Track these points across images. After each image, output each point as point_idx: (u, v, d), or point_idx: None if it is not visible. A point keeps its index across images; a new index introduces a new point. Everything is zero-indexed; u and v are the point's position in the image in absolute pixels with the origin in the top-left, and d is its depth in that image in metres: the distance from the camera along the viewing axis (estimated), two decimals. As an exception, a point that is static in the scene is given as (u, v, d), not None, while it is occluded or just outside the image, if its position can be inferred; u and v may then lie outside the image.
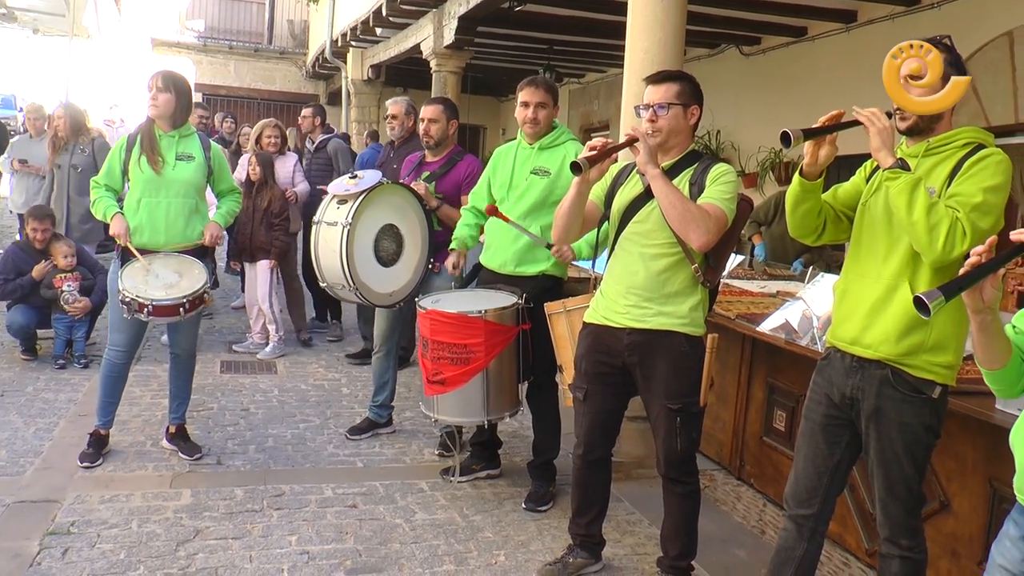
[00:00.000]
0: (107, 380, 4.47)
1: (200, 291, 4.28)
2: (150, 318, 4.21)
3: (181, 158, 4.39)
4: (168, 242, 4.36)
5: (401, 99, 6.35)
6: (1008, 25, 7.05)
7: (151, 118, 4.37)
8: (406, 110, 6.19)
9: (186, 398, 4.72)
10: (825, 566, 3.77)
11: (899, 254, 2.64)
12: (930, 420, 2.67)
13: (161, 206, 4.33)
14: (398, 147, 6.25)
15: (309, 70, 19.53)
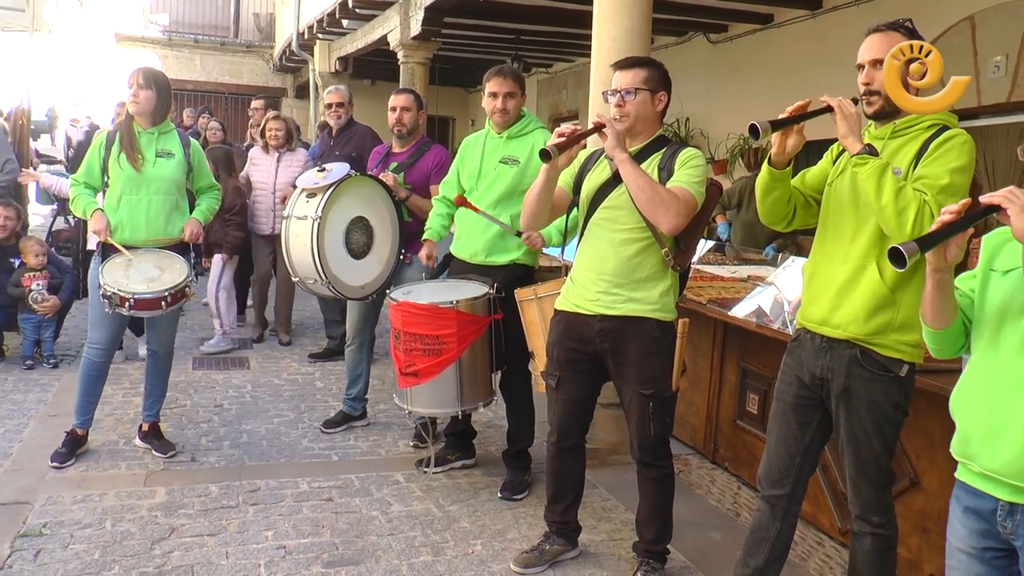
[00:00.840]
0: (87, 379, 4.42)
1: (182, 285, 4.28)
2: (132, 312, 4.19)
3: (161, 155, 4.36)
4: (149, 239, 4.34)
5: (342, 87, 6.35)
6: (969, 10, 7.13)
7: (131, 115, 4.34)
8: (349, 99, 6.21)
9: (161, 395, 4.69)
10: (799, 545, 3.81)
11: (865, 235, 2.68)
12: (898, 398, 2.71)
13: (142, 203, 4.31)
14: (337, 136, 6.22)
15: (276, 63, 19.35)
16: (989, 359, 2.04)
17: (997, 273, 2.07)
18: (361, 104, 16.73)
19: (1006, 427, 1.95)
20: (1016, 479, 1.92)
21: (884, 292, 2.63)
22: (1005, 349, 2.00)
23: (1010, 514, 1.95)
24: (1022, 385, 1.95)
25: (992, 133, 7.25)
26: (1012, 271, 2.01)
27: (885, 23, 2.70)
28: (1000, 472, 1.95)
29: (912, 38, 2.64)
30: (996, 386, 2.00)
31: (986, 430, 2.00)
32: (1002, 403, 1.98)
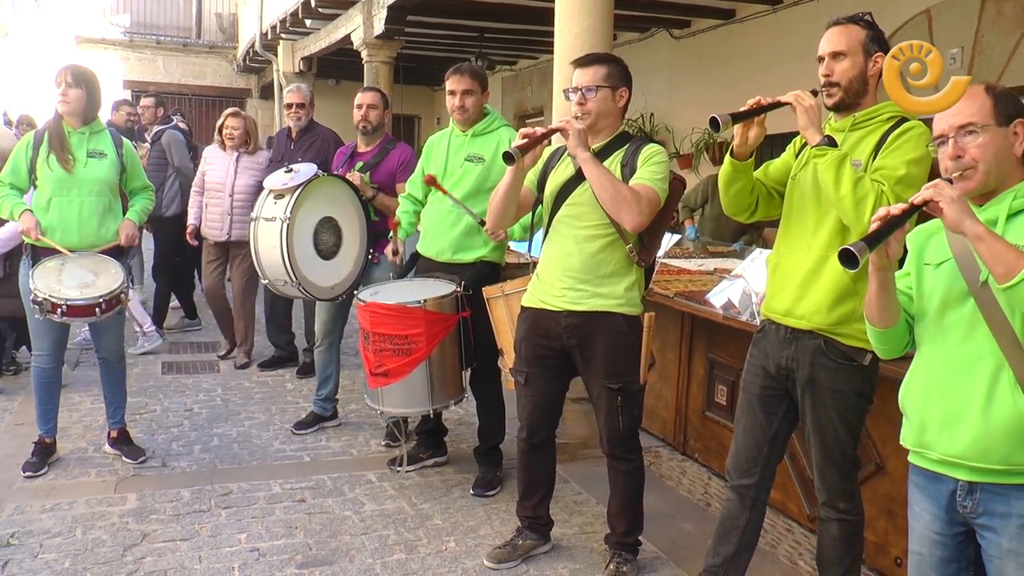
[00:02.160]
0: (40, 387, 4.35)
1: (117, 291, 4.14)
2: (64, 319, 4.07)
3: (93, 155, 4.24)
4: (81, 242, 4.21)
5: (303, 86, 6.18)
6: (926, 4, 7.23)
7: (59, 115, 4.21)
8: (310, 100, 6.05)
9: (122, 402, 4.62)
10: (769, 533, 3.87)
11: (828, 227, 2.73)
12: (862, 386, 2.77)
13: (73, 205, 4.18)
14: (298, 138, 6.01)
15: (240, 64, 19.17)
16: (937, 350, 2.10)
17: (931, 267, 2.14)
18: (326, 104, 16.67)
19: (962, 414, 2.01)
20: (977, 461, 1.98)
21: (846, 282, 2.68)
22: (951, 338, 2.07)
23: (969, 493, 2.02)
24: (973, 370, 2.01)
25: (950, 124, 7.37)
26: (944, 262, 2.09)
27: (845, 16, 2.75)
28: (961, 456, 2.01)
29: (871, 31, 2.71)
30: (947, 374, 2.06)
31: (943, 418, 2.05)
32: (955, 390, 2.04)
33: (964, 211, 1.91)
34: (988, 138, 2.01)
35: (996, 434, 1.95)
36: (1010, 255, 1.85)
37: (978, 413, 1.98)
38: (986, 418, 1.97)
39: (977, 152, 2.01)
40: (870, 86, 2.73)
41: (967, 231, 1.90)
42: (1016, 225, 2.00)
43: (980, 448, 1.97)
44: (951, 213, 1.91)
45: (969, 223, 1.90)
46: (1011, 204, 2.01)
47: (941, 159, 2.06)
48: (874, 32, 2.71)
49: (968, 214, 1.91)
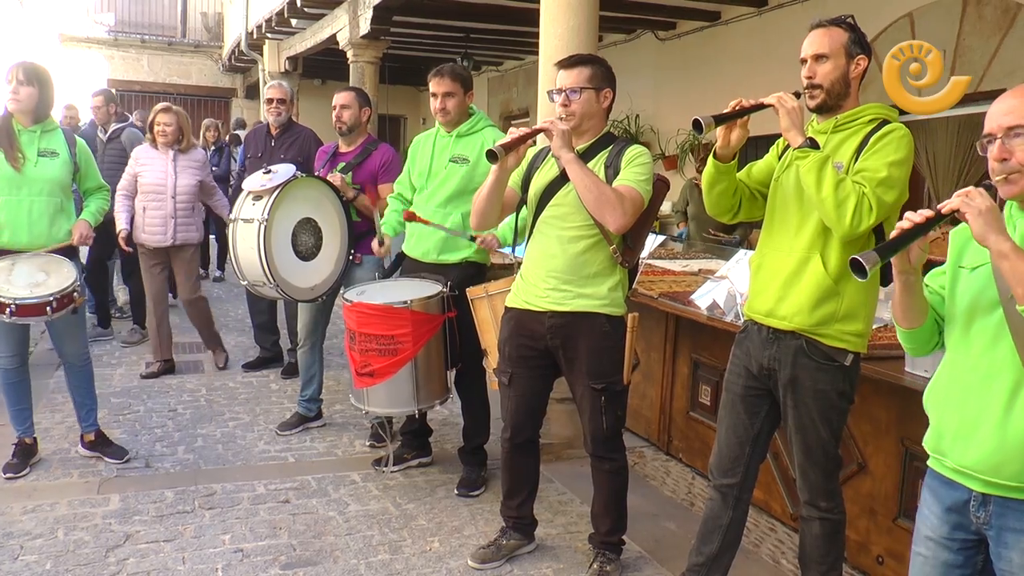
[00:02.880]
0: (7, 389, 4.32)
1: (69, 289, 4.06)
2: (14, 319, 3.98)
3: (44, 154, 4.17)
4: (32, 242, 4.13)
5: (284, 83, 6.08)
6: (908, 7, 7.29)
7: (9, 112, 4.14)
8: (291, 97, 5.92)
9: (93, 405, 4.55)
10: (752, 532, 3.89)
11: (810, 228, 2.74)
12: (843, 386, 2.79)
13: (23, 205, 4.10)
14: (278, 137, 5.90)
15: (225, 63, 19.12)
16: (960, 356, 2.05)
17: (966, 270, 2.07)
18: (312, 104, 16.69)
19: (977, 425, 1.96)
20: (989, 475, 1.94)
21: (828, 283, 2.70)
22: (975, 346, 2.00)
23: (983, 504, 1.97)
24: (992, 383, 1.95)
25: (933, 127, 7.43)
26: (980, 267, 2.01)
27: (827, 19, 2.77)
28: (972, 468, 1.97)
29: (853, 33, 2.73)
30: (967, 384, 2.01)
31: (958, 428, 2.01)
32: (973, 401, 1.98)
33: (990, 224, 1.83)
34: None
35: (1010, 449, 1.91)
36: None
37: (994, 426, 1.93)
38: (1002, 432, 1.92)
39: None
40: (852, 88, 2.75)
41: (991, 246, 1.84)
42: None
43: (993, 462, 1.92)
44: (977, 226, 1.84)
45: (994, 238, 1.82)
46: None
47: (989, 159, 1.95)
48: (856, 35, 2.74)
49: (995, 228, 1.83)
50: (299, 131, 6.03)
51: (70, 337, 4.36)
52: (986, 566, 2.02)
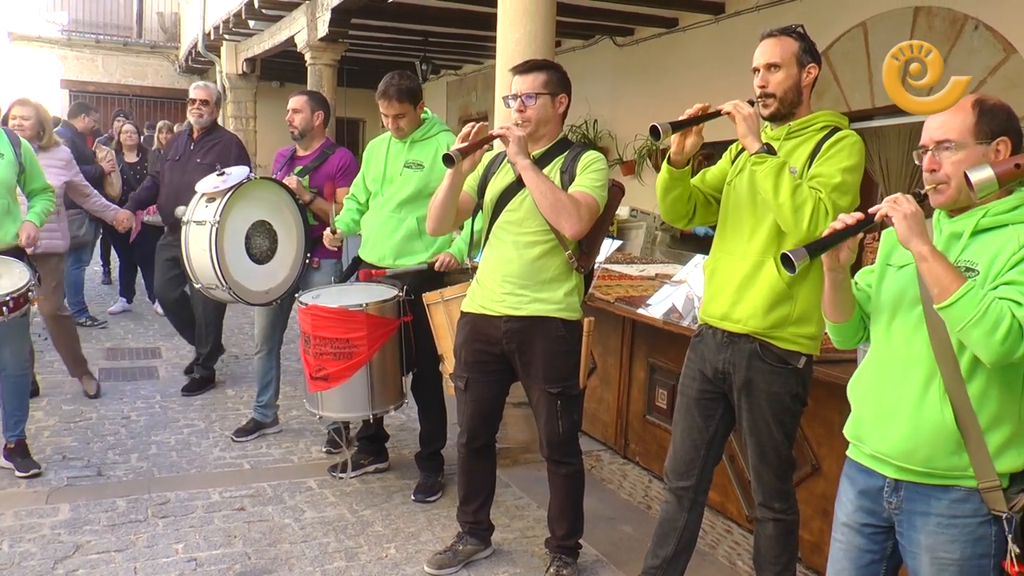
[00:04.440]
0: None
1: (24, 289, 4.00)
2: None
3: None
4: None
5: (211, 84, 5.90)
6: (862, 16, 7.41)
7: None
8: (216, 99, 5.71)
9: (22, 416, 4.41)
10: (709, 534, 3.93)
11: (763, 232, 2.79)
12: (797, 389, 2.83)
13: None
14: (198, 139, 5.65)
15: (182, 64, 18.87)
16: (882, 349, 2.17)
17: (893, 268, 2.19)
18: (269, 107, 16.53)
19: (894, 413, 2.08)
20: (902, 460, 2.06)
21: (781, 287, 2.74)
22: (896, 339, 2.12)
23: (895, 490, 2.09)
24: (908, 374, 2.07)
25: (885, 134, 7.56)
26: (906, 266, 2.13)
27: (778, 28, 2.82)
28: (888, 454, 2.08)
29: (804, 43, 2.78)
30: (887, 374, 2.13)
31: (876, 415, 2.13)
32: (891, 390, 2.10)
33: (913, 228, 1.95)
34: (963, 155, 2.01)
35: (921, 437, 2.02)
36: (947, 278, 1.90)
37: (908, 415, 2.05)
38: (914, 421, 2.03)
39: (951, 168, 2.01)
40: (804, 96, 2.81)
41: (913, 248, 1.95)
42: (979, 242, 2.02)
43: (906, 449, 2.04)
44: (901, 229, 1.96)
45: (916, 241, 1.94)
46: (979, 221, 2.02)
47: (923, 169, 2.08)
48: (806, 44, 2.79)
49: (917, 233, 1.95)
50: (220, 136, 5.74)
51: (12, 342, 4.27)
52: (894, 551, 2.15)
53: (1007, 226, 1.98)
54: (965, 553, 2.00)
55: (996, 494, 1.97)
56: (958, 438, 1.98)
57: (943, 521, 2.02)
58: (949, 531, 2.01)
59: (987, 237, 2.00)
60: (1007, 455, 1.98)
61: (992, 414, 1.98)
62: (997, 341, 1.84)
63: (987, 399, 1.98)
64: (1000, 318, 1.84)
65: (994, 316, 1.84)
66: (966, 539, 2.00)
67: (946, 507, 2.02)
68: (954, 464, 2.00)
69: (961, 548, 2.00)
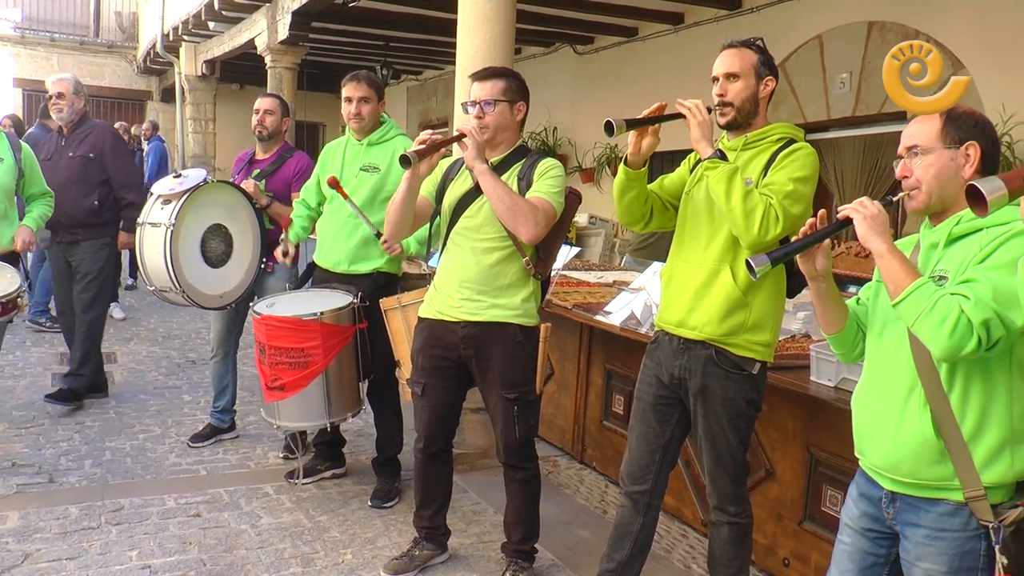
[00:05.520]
0: None
1: (14, 294, 4.01)
2: None
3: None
4: None
5: (67, 76, 5.61)
6: (818, 29, 7.57)
7: None
8: (75, 89, 5.45)
9: None
10: (664, 538, 3.97)
11: (720, 241, 2.83)
12: (751, 394, 2.88)
13: None
14: (69, 134, 5.42)
15: (141, 65, 18.64)
16: (873, 362, 2.21)
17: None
18: (228, 108, 16.40)
19: (882, 425, 2.11)
20: (891, 472, 2.09)
21: (737, 295, 2.79)
22: (884, 352, 2.16)
23: (891, 501, 2.12)
24: (893, 386, 2.09)
25: (840, 145, 7.71)
26: None
27: (739, 40, 2.87)
28: (880, 467, 2.12)
29: (762, 55, 2.84)
30: (877, 386, 2.16)
31: (869, 429, 2.16)
32: (879, 403, 2.14)
33: (873, 228, 2.00)
34: (932, 160, 2.06)
35: (904, 449, 2.05)
36: (900, 274, 1.94)
37: (892, 427, 2.06)
38: (897, 434, 2.06)
39: (921, 173, 2.07)
40: (761, 107, 2.87)
41: (872, 247, 2.00)
42: (952, 250, 2.04)
43: (892, 461, 2.07)
44: (861, 229, 2.01)
45: (874, 239, 1.99)
46: (952, 229, 2.05)
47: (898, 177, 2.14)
48: (765, 57, 2.86)
49: (876, 232, 2.00)
50: (91, 126, 5.53)
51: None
52: (897, 558, 2.16)
53: (981, 230, 2.00)
54: (953, 566, 2.00)
55: (982, 504, 1.97)
56: (940, 448, 1.99)
57: (931, 533, 2.03)
58: (937, 544, 2.02)
59: (960, 244, 2.03)
60: (998, 464, 1.98)
61: (975, 422, 1.98)
62: (944, 335, 1.86)
63: (969, 407, 1.99)
64: (948, 312, 1.85)
65: (942, 311, 1.86)
66: (954, 552, 2.00)
67: (934, 520, 2.03)
68: (939, 474, 2.01)
69: (949, 561, 2.01)
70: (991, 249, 1.93)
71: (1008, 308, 1.85)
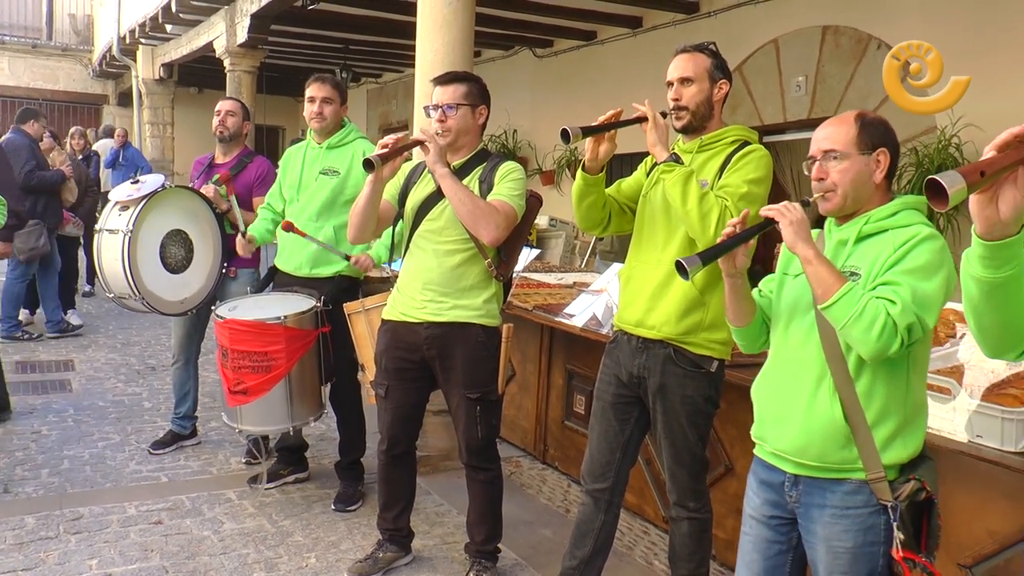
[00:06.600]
0: None
1: None
2: None
3: None
4: None
5: None
6: (774, 34, 7.68)
7: None
8: None
9: None
10: (626, 535, 4.02)
11: (676, 242, 2.88)
12: (709, 392, 2.94)
13: None
14: None
15: (96, 68, 18.39)
16: (780, 352, 2.30)
17: (790, 276, 2.33)
18: (187, 112, 16.24)
19: (790, 412, 2.20)
20: (798, 456, 2.19)
21: (694, 295, 2.84)
22: (792, 343, 2.26)
23: (794, 484, 2.22)
24: (802, 375, 2.20)
25: (797, 147, 7.84)
26: (801, 274, 2.25)
27: (692, 45, 2.94)
28: (785, 451, 2.21)
29: (716, 59, 2.90)
30: (784, 376, 2.26)
31: (775, 415, 2.25)
32: (787, 392, 2.23)
33: (800, 234, 2.08)
34: (848, 164, 2.14)
35: (814, 434, 2.15)
36: (829, 279, 2.04)
37: (802, 414, 2.17)
38: (807, 419, 2.16)
39: (837, 177, 2.14)
40: (715, 111, 2.93)
41: (799, 252, 2.09)
42: (862, 248, 2.15)
43: (800, 445, 2.17)
44: (788, 234, 2.09)
45: (802, 245, 2.08)
46: (862, 228, 2.16)
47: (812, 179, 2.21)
48: (718, 60, 2.92)
49: (802, 237, 2.08)
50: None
51: None
52: (799, 542, 2.27)
53: (887, 231, 2.13)
54: (857, 541, 2.12)
55: (883, 485, 2.09)
56: (847, 433, 2.11)
57: (837, 512, 2.14)
58: (842, 521, 2.14)
59: (870, 242, 2.15)
60: (893, 447, 2.11)
61: (878, 409, 2.11)
62: (873, 338, 1.97)
63: (874, 395, 2.11)
64: (876, 316, 1.97)
65: (871, 314, 1.97)
66: (858, 528, 2.12)
67: (839, 499, 2.14)
68: (844, 457, 2.13)
69: (854, 537, 2.13)
70: (904, 252, 2.05)
71: (924, 311, 1.99)
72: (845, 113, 2.24)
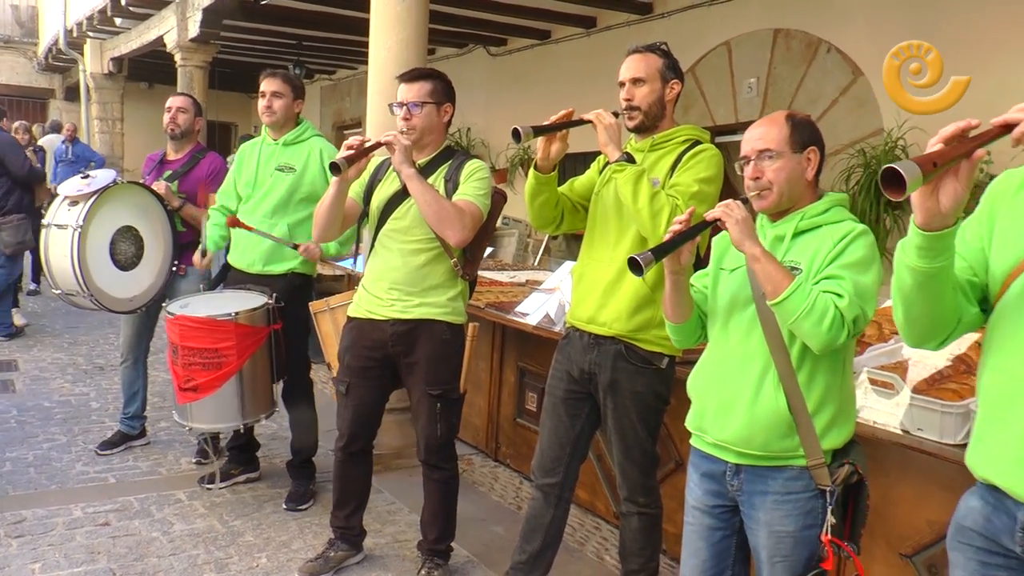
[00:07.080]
0: None
1: None
2: None
3: None
4: None
5: None
6: (726, 35, 7.77)
7: None
8: None
9: None
10: (578, 531, 4.05)
11: (628, 239, 2.92)
12: (659, 388, 2.98)
13: None
14: None
15: (42, 62, 18.01)
16: (720, 346, 2.35)
17: (726, 271, 2.38)
18: (137, 108, 15.98)
19: (734, 404, 2.26)
20: (741, 447, 2.25)
21: (645, 292, 2.88)
22: (733, 336, 2.31)
23: (736, 473, 2.28)
24: (746, 368, 2.26)
25: (748, 146, 7.92)
26: (737, 269, 2.32)
27: (644, 45, 2.97)
28: (728, 442, 2.27)
29: (668, 59, 2.94)
30: (725, 369, 2.31)
31: (718, 407, 2.30)
32: (730, 384, 2.28)
33: (745, 232, 2.14)
34: (783, 163, 2.20)
35: (758, 424, 2.21)
36: (778, 276, 2.10)
37: (746, 405, 2.23)
38: (751, 410, 2.22)
39: (773, 175, 2.21)
40: (667, 110, 2.97)
41: (746, 251, 2.15)
42: (799, 243, 2.23)
43: (744, 435, 2.23)
44: (735, 233, 2.15)
45: (748, 243, 2.14)
46: (798, 224, 2.23)
47: (745, 178, 2.26)
48: (670, 61, 2.95)
49: (749, 235, 2.14)
50: None
51: None
52: (742, 526, 2.34)
53: (821, 227, 2.22)
54: (798, 525, 2.20)
55: (822, 470, 2.18)
56: (790, 422, 2.18)
57: (779, 498, 2.22)
58: (784, 507, 2.21)
59: (806, 238, 2.23)
60: (831, 434, 2.20)
61: (818, 398, 2.19)
62: (824, 330, 2.05)
63: (814, 385, 2.19)
64: (825, 310, 2.05)
65: (820, 308, 2.05)
66: (798, 513, 2.20)
67: (781, 485, 2.22)
68: (786, 446, 2.20)
69: (794, 521, 2.20)
70: (843, 248, 2.14)
71: (865, 303, 2.09)
72: (775, 114, 2.31)
